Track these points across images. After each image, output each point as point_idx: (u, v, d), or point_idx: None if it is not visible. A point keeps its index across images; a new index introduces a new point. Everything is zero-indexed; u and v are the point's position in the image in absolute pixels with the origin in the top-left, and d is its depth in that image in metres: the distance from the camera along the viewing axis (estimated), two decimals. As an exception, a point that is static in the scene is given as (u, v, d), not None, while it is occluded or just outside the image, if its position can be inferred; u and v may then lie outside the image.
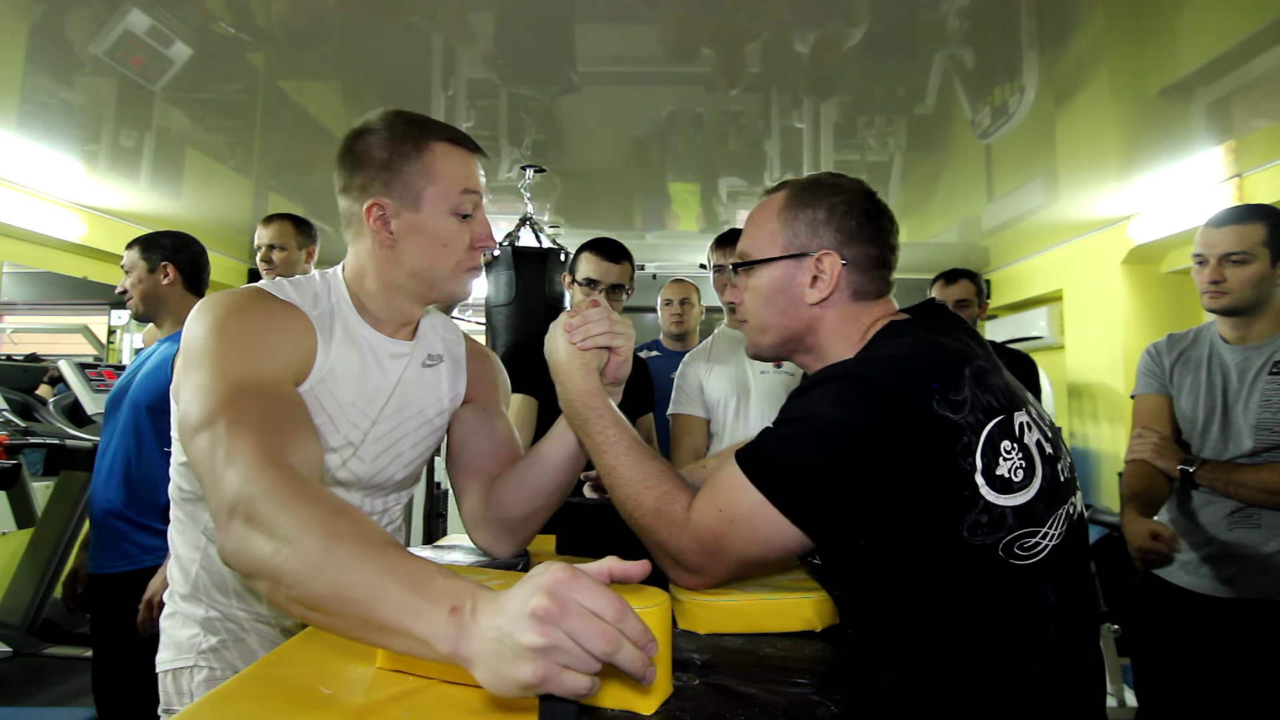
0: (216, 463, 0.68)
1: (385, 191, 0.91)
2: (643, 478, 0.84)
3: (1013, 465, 0.70)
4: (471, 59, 1.94)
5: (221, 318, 0.82)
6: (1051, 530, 0.72)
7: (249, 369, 0.78)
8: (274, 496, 0.63)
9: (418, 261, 0.93)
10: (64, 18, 1.68)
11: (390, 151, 0.91)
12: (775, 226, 0.90)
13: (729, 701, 0.63)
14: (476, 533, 1.09)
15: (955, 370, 0.73)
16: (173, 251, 1.93)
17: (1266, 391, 1.53)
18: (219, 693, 0.65)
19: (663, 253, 4.27)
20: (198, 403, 0.74)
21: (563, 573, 0.52)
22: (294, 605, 0.60)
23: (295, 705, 0.61)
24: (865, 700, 0.65)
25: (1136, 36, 1.75)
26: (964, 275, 2.53)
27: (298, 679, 0.66)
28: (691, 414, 2.02)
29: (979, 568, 0.70)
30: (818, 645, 0.79)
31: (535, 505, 1.02)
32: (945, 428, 0.69)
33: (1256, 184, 2.62)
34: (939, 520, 0.69)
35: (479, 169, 0.96)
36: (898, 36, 1.78)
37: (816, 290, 0.87)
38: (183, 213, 3.32)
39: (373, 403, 0.96)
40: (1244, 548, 1.54)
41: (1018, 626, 0.71)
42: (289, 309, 0.89)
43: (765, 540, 0.75)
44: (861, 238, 0.87)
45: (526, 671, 0.49)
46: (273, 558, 0.60)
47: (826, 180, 0.91)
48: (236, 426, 0.70)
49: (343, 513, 0.62)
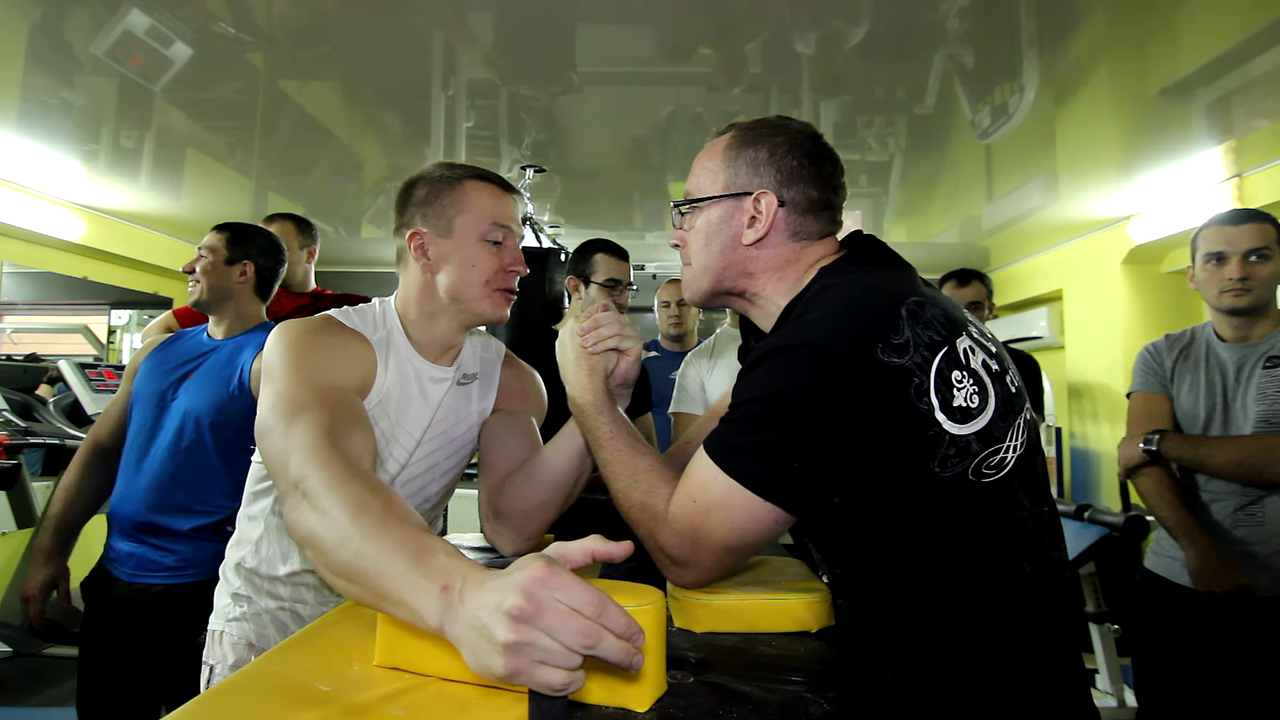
0: (285, 451, 0.77)
1: (423, 222, 1.05)
2: (632, 473, 0.84)
3: (967, 393, 0.71)
4: (471, 59, 1.94)
5: (297, 338, 0.95)
6: (1013, 443, 0.74)
7: (317, 376, 0.90)
8: (324, 475, 0.71)
9: (451, 285, 1.04)
10: (64, 18, 1.68)
11: (429, 189, 1.06)
12: (718, 165, 0.89)
13: (723, 699, 0.63)
14: (487, 526, 1.13)
15: (892, 314, 0.72)
16: (260, 253, 1.79)
17: (1261, 385, 1.53)
18: (218, 689, 0.65)
19: (663, 253, 4.27)
20: (272, 407, 0.85)
21: (542, 570, 0.53)
22: (327, 573, 0.66)
23: (293, 702, 0.61)
24: (859, 698, 0.65)
25: (1136, 36, 1.75)
26: (976, 277, 2.55)
27: (296, 676, 0.66)
28: (693, 413, 2.02)
29: (954, 495, 0.71)
30: (812, 644, 0.79)
31: (541, 499, 1.05)
32: (895, 374, 0.69)
33: (1256, 184, 2.62)
34: (909, 463, 0.70)
35: (512, 206, 1.07)
36: (898, 36, 1.78)
37: (753, 230, 0.86)
38: (183, 213, 3.32)
39: (417, 426, 1.08)
40: (1248, 545, 1.54)
41: (1003, 533, 0.74)
42: (354, 334, 1.03)
43: (743, 524, 0.75)
44: (802, 178, 0.86)
45: (498, 664, 0.51)
46: (315, 528, 0.67)
47: (772, 121, 0.90)
48: (302, 420, 0.80)
49: (377, 490, 0.68)
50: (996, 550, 0.74)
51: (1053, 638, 0.77)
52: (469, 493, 3.78)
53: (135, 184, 2.93)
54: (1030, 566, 0.75)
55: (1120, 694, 2.67)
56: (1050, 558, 0.77)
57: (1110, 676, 2.70)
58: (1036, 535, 0.76)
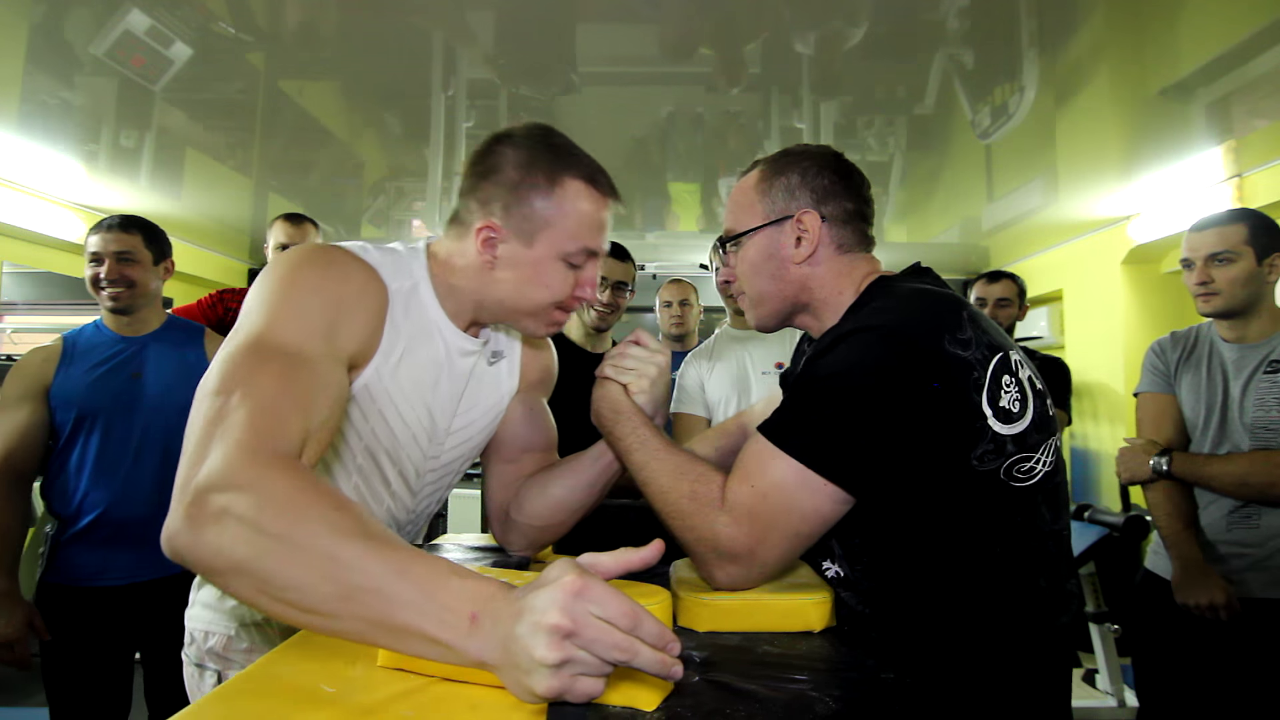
0: (207, 437, 0.61)
1: (504, 216, 0.86)
2: (676, 466, 0.84)
3: (1011, 397, 0.76)
4: (471, 59, 1.94)
5: (286, 271, 0.77)
6: (1043, 457, 0.78)
7: (293, 333, 0.72)
8: (264, 490, 0.57)
9: (509, 293, 0.89)
10: (64, 18, 1.68)
11: (521, 175, 0.85)
12: (754, 199, 0.94)
13: (729, 697, 0.63)
14: (496, 526, 1.11)
15: (956, 312, 0.77)
16: (168, 248, 1.88)
17: (1261, 391, 1.53)
18: (222, 691, 0.65)
19: (663, 253, 4.27)
20: (219, 366, 0.67)
21: (577, 583, 0.51)
22: (282, 607, 0.56)
23: (299, 704, 0.61)
24: (864, 696, 0.66)
25: (1136, 36, 1.75)
26: (1006, 276, 2.59)
27: (300, 678, 0.66)
28: (693, 413, 2.02)
29: (985, 492, 0.75)
30: (815, 643, 0.79)
31: (559, 519, 1.06)
32: (959, 364, 0.74)
33: (1256, 184, 2.62)
34: (954, 452, 0.73)
35: (608, 218, 0.90)
36: (898, 36, 1.78)
37: (802, 249, 0.91)
38: (183, 213, 3.32)
39: (445, 407, 0.95)
40: (1244, 547, 1.55)
41: (1024, 543, 0.77)
42: (366, 273, 0.83)
43: (801, 506, 0.76)
44: (836, 194, 0.91)
45: (542, 685, 0.50)
46: (261, 557, 0.55)
47: (795, 149, 0.95)
48: (242, 401, 0.63)
49: (344, 508, 0.58)
50: (1017, 559, 0.76)
51: (1052, 654, 0.80)
52: (469, 493, 3.78)
53: (135, 184, 2.93)
54: (1045, 582, 0.77)
55: (1120, 694, 2.67)
56: (1064, 580, 0.80)
57: (1110, 676, 2.70)
58: (1056, 555, 0.79)
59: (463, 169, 0.91)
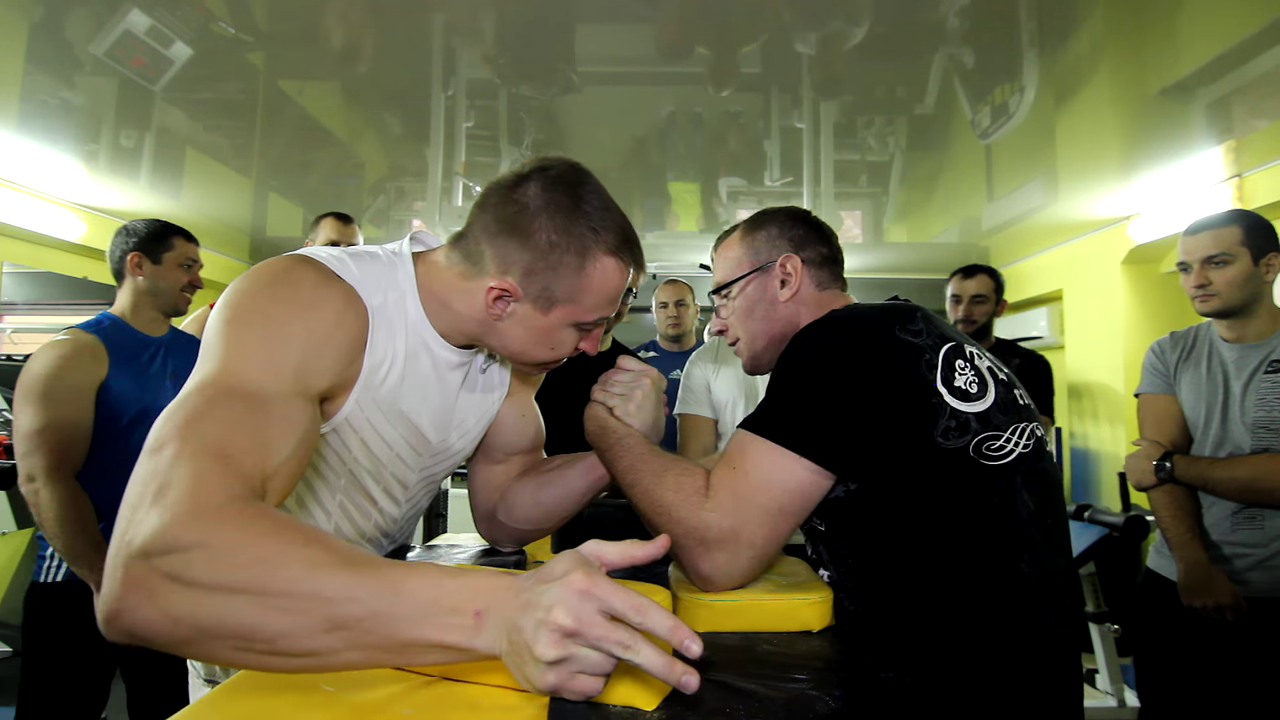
0: (140, 499, 0.54)
1: (523, 280, 0.79)
2: (660, 466, 0.88)
3: (967, 379, 0.82)
4: (471, 59, 1.94)
5: (256, 299, 0.70)
6: (1014, 437, 0.82)
7: (252, 372, 0.65)
8: (217, 545, 0.52)
9: (511, 345, 0.85)
10: (64, 18, 1.68)
11: (550, 246, 0.78)
12: (739, 253, 1.06)
13: (729, 696, 0.63)
14: (482, 525, 1.14)
15: (909, 312, 0.86)
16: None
17: (1262, 391, 1.53)
18: (222, 690, 0.65)
19: (663, 253, 4.27)
20: (161, 420, 0.60)
21: (583, 580, 0.51)
22: (273, 659, 0.52)
23: (299, 703, 0.61)
24: (863, 695, 0.66)
25: (1136, 36, 1.75)
26: (982, 270, 2.45)
27: (299, 678, 0.66)
28: (699, 414, 2.02)
29: (957, 472, 0.79)
30: (814, 643, 0.80)
31: (548, 524, 1.09)
32: (909, 347, 0.82)
33: (1256, 184, 2.62)
34: (915, 426, 0.78)
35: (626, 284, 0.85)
36: (898, 36, 1.78)
37: (788, 289, 1.01)
38: (183, 213, 3.32)
39: (435, 424, 0.91)
40: (1247, 547, 1.55)
41: (1003, 527, 0.80)
42: (344, 297, 0.75)
43: (780, 481, 0.80)
44: (810, 240, 1.04)
45: (540, 680, 0.51)
46: (236, 615, 0.51)
47: (768, 210, 1.08)
48: (180, 453, 0.56)
49: (313, 541, 0.54)
50: (996, 542, 0.80)
51: (1051, 643, 0.80)
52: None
53: (135, 184, 2.93)
54: (1029, 567, 0.79)
55: (1120, 694, 2.67)
56: (1050, 564, 0.81)
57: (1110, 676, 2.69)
58: (1041, 541, 0.80)
59: (482, 198, 0.82)
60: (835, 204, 3.07)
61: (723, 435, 2.01)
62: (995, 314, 2.46)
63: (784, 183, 2.83)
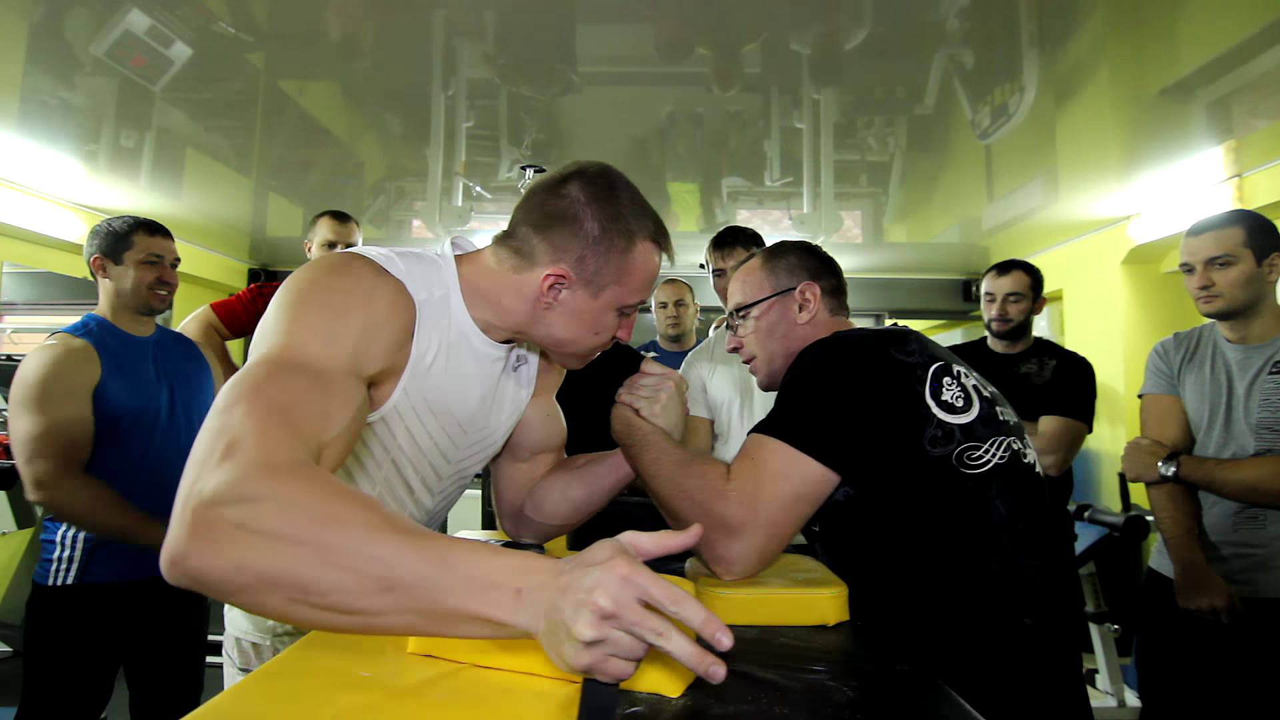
0: (211, 452, 0.58)
1: (577, 267, 0.86)
2: (684, 459, 0.96)
3: (953, 394, 0.91)
4: (471, 59, 1.94)
5: (314, 289, 0.76)
6: (993, 449, 0.90)
7: (314, 351, 0.71)
8: (283, 499, 0.56)
9: (562, 334, 0.91)
10: (64, 18, 1.68)
11: (601, 231, 0.86)
12: (761, 277, 1.15)
13: (750, 686, 0.66)
14: (508, 522, 1.18)
15: (903, 336, 0.96)
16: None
17: (1266, 391, 1.53)
18: (260, 674, 0.67)
19: (663, 253, 4.27)
20: (229, 384, 0.65)
21: (625, 567, 0.53)
22: (322, 613, 0.55)
23: (335, 687, 0.64)
24: (879, 686, 0.69)
25: (1136, 36, 1.75)
26: (1017, 266, 2.29)
27: (335, 663, 0.69)
28: (696, 414, 2.02)
29: (939, 476, 0.87)
30: (830, 636, 0.83)
31: (575, 519, 1.14)
32: (902, 365, 0.91)
33: (1256, 184, 2.62)
34: (906, 433, 0.88)
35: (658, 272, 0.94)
36: (898, 36, 1.78)
37: (806, 313, 1.11)
38: (183, 213, 3.32)
39: (473, 416, 0.97)
40: (1249, 548, 1.55)
41: (975, 528, 0.88)
42: (395, 289, 0.82)
43: (797, 471, 0.88)
44: (824, 272, 1.14)
45: (575, 659, 0.53)
46: (296, 567, 0.54)
47: (784, 242, 1.19)
48: (250, 412, 0.61)
49: (371, 506, 0.58)
50: (968, 544, 0.87)
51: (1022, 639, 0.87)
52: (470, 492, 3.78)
53: (135, 184, 2.93)
54: (997, 566, 0.87)
55: (1120, 694, 2.68)
56: (1019, 564, 0.88)
57: (1110, 676, 2.70)
58: (1008, 544, 0.88)
59: (526, 200, 0.90)
60: (835, 204, 3.07)
61: (720, 435, 2.01)
62: (1034, 311, 2.32)
63: (784, 183, 2.83)
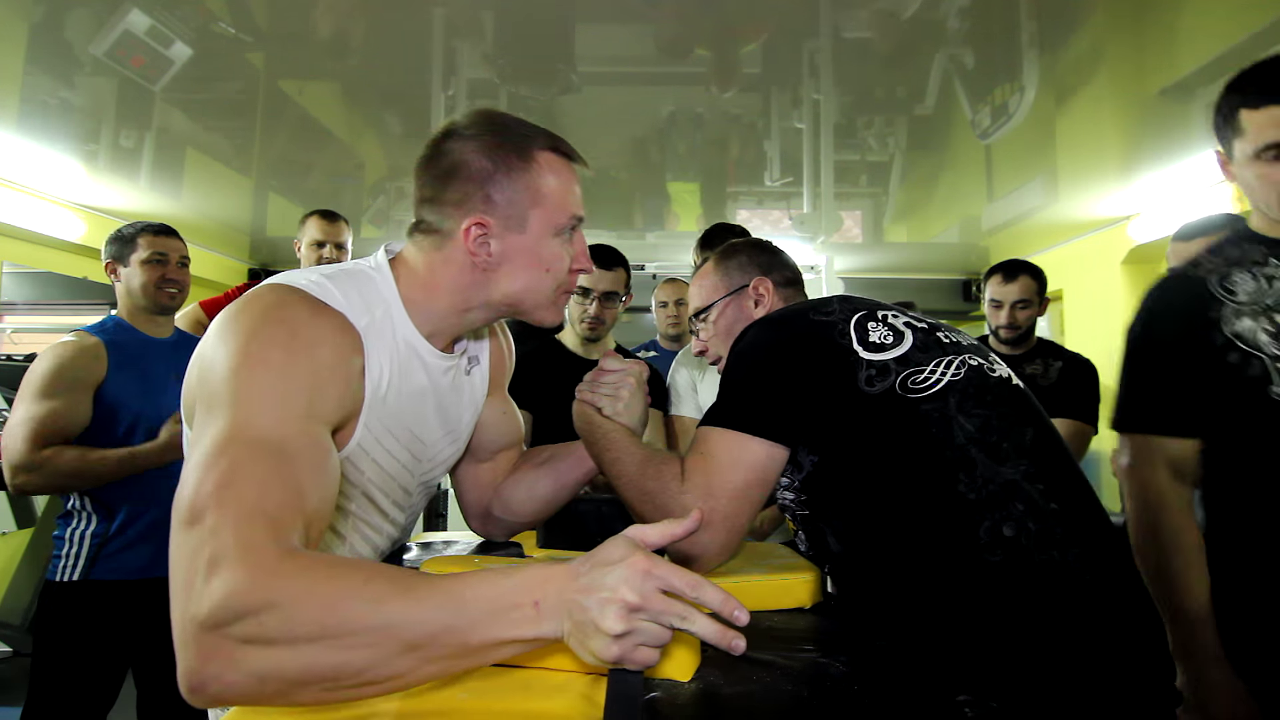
0: (193, 572, 0.55)
1: (487, 208, 0.81)
2: (644, 455, 0.97)
3: (880, 334, 0.92)
4: (471, 59, 1.94)
5: (254, 346, 0.69)
6: (939, 368, 0.89)
7: (269, 422, 0.65)
8: (286, 600, 0.54)
9: (516, 286, 0.86)
10: (64, 18, 1.68)
11: (494, 163, 0.81)
12: (714, 279, 1.19)
13: (751, 666, 0.72)
14: (475, 522, 1.20)
15: (825, 301, 0.98)
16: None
17: None
18: None
19: (663, 253, 4.27)
20: (191, 482, 0.61)
21: (645, 562, 0.56)
22: (357, 691, 0.56)
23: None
24: (866, 660, 0.75)
25: (1136, 36, 1.75)
26: (1024, 271, 2.16)
27: None
28: (688, 415, 2.02)
29: (887, 410, 0.86)
30: (811, 618, 0.90)
31: (543, 514, 1.16)
32: (822, 324, 0.94)
33: (1256, 184, 2.62)
34: (841, 384, 0.88)
35: (579, 180, 0.89)
36: (898, 37, 1.78)
37: (761, 308, 1.14)
38: (183, 213, 3.32)
39: (429, 432, 0.93)
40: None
41: (937, 451, 0.84)
42: (337, 327, 0.76)
43: (743, 460, 0.89)
44: (774, 265, 1.18)
45: (605, 652, 0.55)
46: (320, 662, 0.53)
47: (734, 241, 1.23)
48: (223, 519, 0.57)
49: (371, 578, 0.56)
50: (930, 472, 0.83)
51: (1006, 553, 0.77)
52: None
53: (135, 184, 2.93)
54: (966, 487, 0.81)
55: (1120, 694, 2.67)
56: (994, 477, 0.81)
57: (1110, 676, 2.69)
58: (978, 458, 0.83)
59: (416, 178, 0.86)
60: (835, 204, 3.07)
61: None
62: (1039, 314, 2.27)
63: (784, 183, 2.83)
